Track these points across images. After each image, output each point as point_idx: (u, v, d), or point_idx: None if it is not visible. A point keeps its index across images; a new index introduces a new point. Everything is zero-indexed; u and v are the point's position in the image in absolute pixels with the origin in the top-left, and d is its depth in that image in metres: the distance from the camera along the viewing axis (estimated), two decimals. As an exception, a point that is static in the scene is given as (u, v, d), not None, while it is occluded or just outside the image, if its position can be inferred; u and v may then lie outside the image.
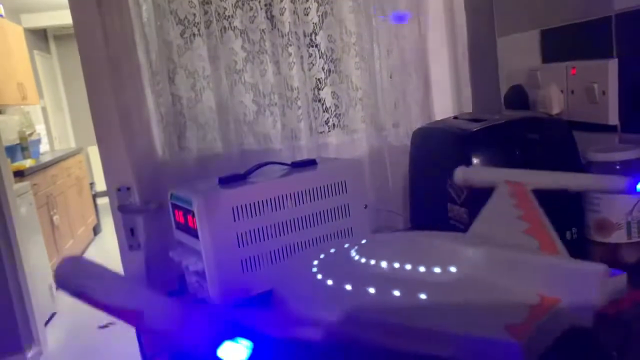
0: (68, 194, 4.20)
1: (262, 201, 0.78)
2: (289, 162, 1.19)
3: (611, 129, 0.79)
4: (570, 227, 0.76)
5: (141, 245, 1.20)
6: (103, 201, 4.88)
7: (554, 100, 0.86)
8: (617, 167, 0.71)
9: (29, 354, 2.62)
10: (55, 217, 3.70)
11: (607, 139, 0.80)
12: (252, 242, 0.77)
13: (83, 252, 4.34)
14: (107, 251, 4.33)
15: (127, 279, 0.37)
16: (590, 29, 0.81)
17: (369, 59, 1.17)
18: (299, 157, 1.18)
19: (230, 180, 0.81)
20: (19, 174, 3.19)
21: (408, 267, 0.33)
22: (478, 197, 0.77)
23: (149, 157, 1.16)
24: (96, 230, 4.91)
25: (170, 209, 0.84)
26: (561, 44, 0.88)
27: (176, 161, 1.16)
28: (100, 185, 5.09)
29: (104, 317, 2.98)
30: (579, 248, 0.76)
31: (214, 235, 0.75)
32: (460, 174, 0.50)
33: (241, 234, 0.76)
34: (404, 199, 1.16)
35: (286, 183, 0.81)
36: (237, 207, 0.76)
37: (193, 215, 0.75)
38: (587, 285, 0.27)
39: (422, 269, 0.32)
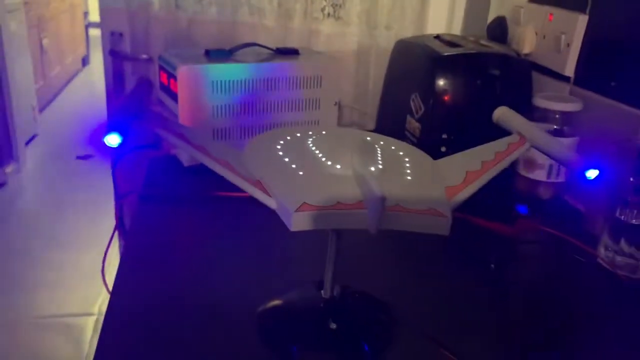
0: (60, 20, 4.11)
1: (241, 80, 0.85)
2: (278, 40, 1.24)
3: (566, 79, 0.87)
4: (506, 159, 0.86)
5: (126, 91, 1.28)
6: (95, 32, 4.80)
7: (527, 40, 0.92)
8: (557, 116, 0.80)
9: (8, 170, 2.76)
10: (44, 41, 3.67)
11: (561, 88, 0.88)
12: (225, 115, 0.86)
13: (69, 81, 4.36)
14: (93, 84, 4.36)
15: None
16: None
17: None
18: (290, 38, 1.23)
19: (216, 55, 0.88)
20: (12, -11, 3.11)
21: (324, 159, 0.45)
22: (432, 116, 0.86)
23: (145, 8, 1.19)
24: (85, 61, 4.88)
25: (157, 70, 0.91)
26: (548, -13, 0.92)
27: (170, 19, 1.19)
28: (94, 15, 4.95)
29: (83, 148, 3.11)
30: (507, 176, 0.87)
31: (192, 102, 0.83)
32: (499, 113, 0.57)
33: (217, 106, 0.85)
34: (373, 100, 1.23)
35: (266, 68, 0.88)
36: (217, 81, 0.83)
37: (176, 80, 0.82)
38: (369, 208, 0.38)
39: (323, 159, 0.45)
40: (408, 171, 0.45)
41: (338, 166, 0.43)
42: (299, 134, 0.51)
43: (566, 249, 0.71)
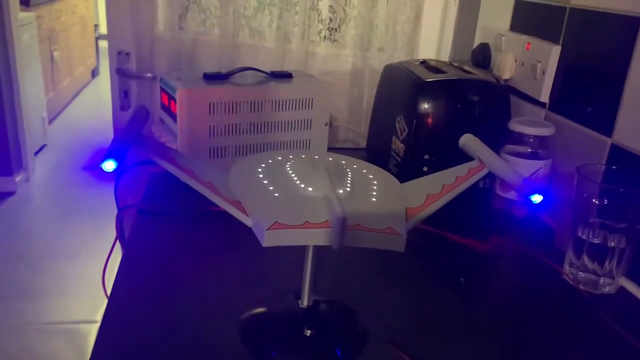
0: (71, 32, 4.22)
1: (237, 102, 0.91)
2: (276, 61, 1.30)
3: (542, 104, 0.92)
4: (485, 179, 0.92)
5: (131, 107, 1.34)
6: (105, 44, 4.90)
7: (507, 67, 0.97)
8: (531, 139, 0.85)
9: (18, 179, 2.84)
10: (55, 53, 3.77)
11: (538, 112, 0.93)
12: (222, 135, 0.91)
13: (79, 92, 4.45)
14: (101, 95, 4.45)
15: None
16: (548, 12, 0.91)
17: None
18: (288, 59, 1.29)
19: (214, 78, 0.94)
20: (25, 3, 3.21)
21: (298, 182, 0.50)
22: (415, 138, 0.91)
23: (150, 29, 1.26)
24: (94, 73, 4.98)
25: (159, 91, 0.97)
26: (526, 18, 0.98)
27: (174, 39, 1.26)
28: (105, 28, 5.06)
29: (88, 159, 3.18)
30: (485, 196, 0.92)
31: (190, 122, 0.89)
32: (463, 139, 0.62)
33: (213, 126, 0.90)
34: (364, 121, 1.29)
35: (261, 90, 0.93)
36: (214, 103, 0.89)
37: (175, 102, 0.88)
38: (332, 227, 0.43)
39: (298, 182, 0.50)
40: (374, 193, 0.51)
41: (310, 188, 0.49)
42: (280, 158, 0.56)
43: (534, 265, 0.75)
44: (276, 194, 0.48)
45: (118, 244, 0.89)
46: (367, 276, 0.71)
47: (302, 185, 0.49)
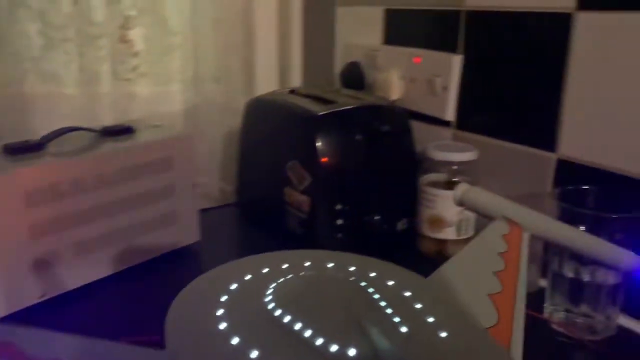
0: None
1: (67, 182, 0.61)
2: (84, 111, 1.00)
3: (446, 124, 0.81)
4: (402, 218, 0.77)
5: None
6: None
7: (393, 86, 0.84)
8: (454, 167, 0.73)
9: None
10: None
11: (442, 133, 0.81)
12: (50, 234, 0.60)
13: None
14: None
15: None
16: (438, 20, 0.80)
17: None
18: (99, 107, 0.99)
19: (21, 151, 0.62)
20: None
21: (319, 341, 0.26)
22: (324, 186, 0.72)
23: None
24: None
25: None
26: (406, 29, 0.86)
27: None
28: None
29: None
30: (410, 239, 0.77)
31: (-2, 227, 0.56)
32: (459, 193, 0.43)
33: (36, 224, 0.59)
34: (225, 168, 1.06)
35: (97, 159, 0.65)
36: (32, 189, 0.58)
37: (-35, 199, 0.55)
38: None
39: (307, 332, 0.27)
40: (431, 320, 0.30)
41: (334, 347, 0.26)
42: (247, 278, 0.32)
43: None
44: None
45: None
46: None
47: (319, 341, 0.26)
